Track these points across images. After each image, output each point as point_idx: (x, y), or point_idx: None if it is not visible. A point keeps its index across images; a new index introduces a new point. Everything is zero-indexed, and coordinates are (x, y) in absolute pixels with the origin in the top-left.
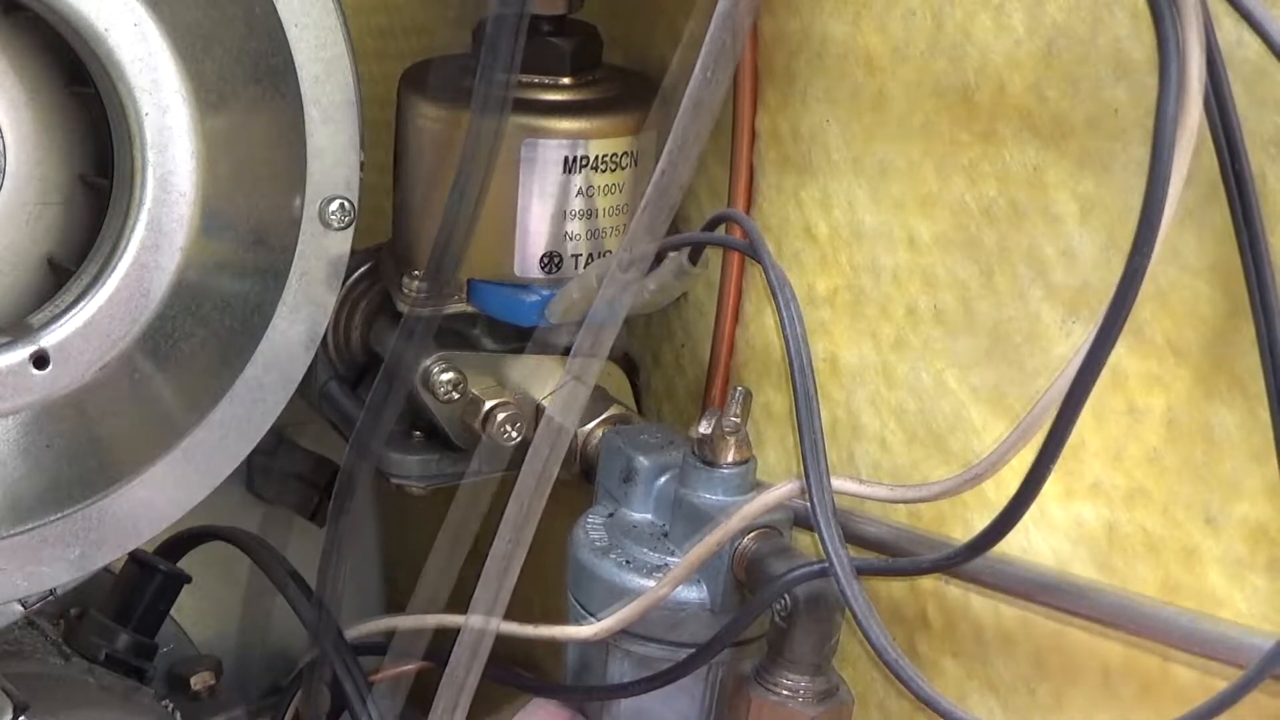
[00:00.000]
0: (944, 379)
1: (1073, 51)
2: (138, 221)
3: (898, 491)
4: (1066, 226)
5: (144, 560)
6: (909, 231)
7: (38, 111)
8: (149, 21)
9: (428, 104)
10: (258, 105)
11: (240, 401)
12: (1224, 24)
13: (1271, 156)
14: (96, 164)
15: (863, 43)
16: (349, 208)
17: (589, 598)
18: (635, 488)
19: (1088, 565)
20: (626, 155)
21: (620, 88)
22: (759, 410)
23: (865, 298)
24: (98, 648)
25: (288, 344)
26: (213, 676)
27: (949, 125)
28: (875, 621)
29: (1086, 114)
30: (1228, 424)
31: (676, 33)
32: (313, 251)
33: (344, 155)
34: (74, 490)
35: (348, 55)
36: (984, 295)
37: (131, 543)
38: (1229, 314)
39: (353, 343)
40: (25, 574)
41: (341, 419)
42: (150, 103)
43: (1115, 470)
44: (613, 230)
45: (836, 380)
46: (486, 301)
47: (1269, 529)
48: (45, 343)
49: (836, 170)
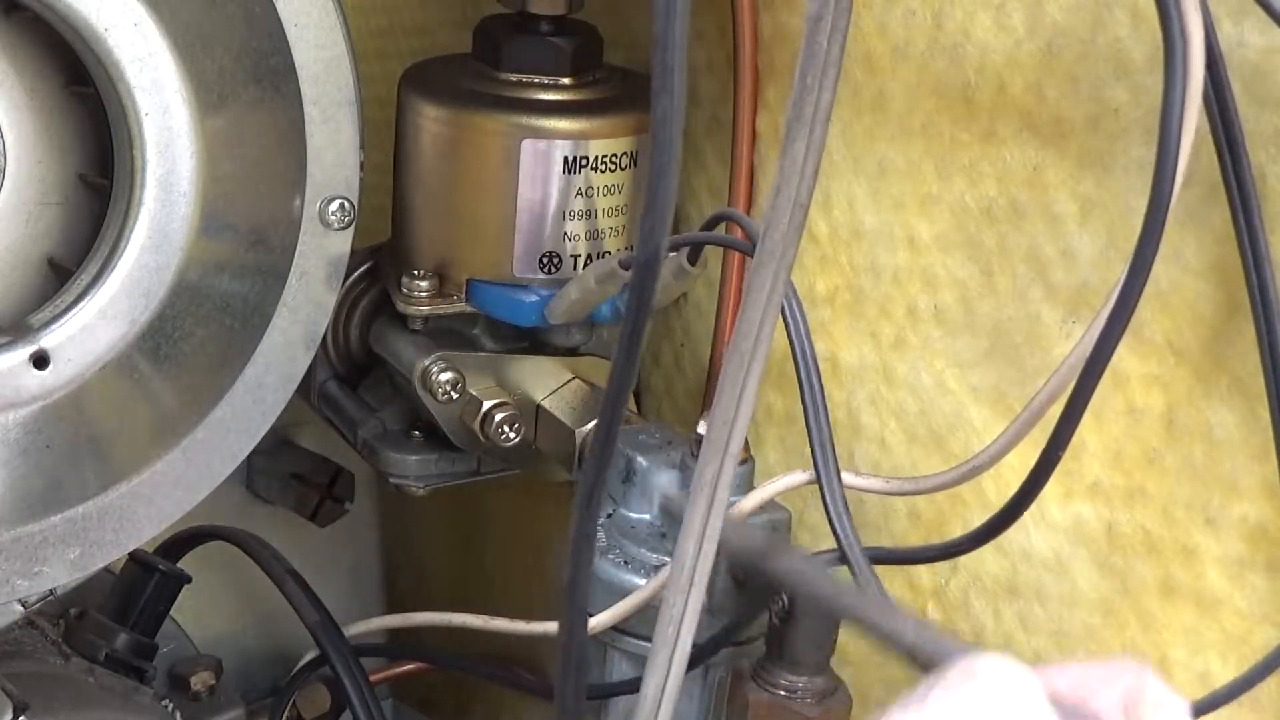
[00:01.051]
0: (944, 379)
1: (1073, 51)
2: (138, 221)
3: (893, 484)
4: (1066, 226)
5: (144, 560)
6: (909, 231)
7: (38, 111)
8: (149, 21)
9: (428, 104)
10: (258, 105)
11: (240, 401)
12: (1224, 24)
13: (1271, 156)
14: (96, 164)
15: (862, 42)
16: (349, 208)
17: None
18: (634, 488)
19: (1088, 565)
20: (626, 155)
21: (620, 88)
22: (759, 411)
23: (865, 297)
24: (98, 648)
25: (288, 344)
26: (213, 676)
27: (949, 125)
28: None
29: (1086, 114)
30: (1228, 424)
31: None
32: (313, 251)
33: (344, 155)
34: (74, 490)
35: (348, 55)
36: (984, 295)
37: (131, 543)
38: (1229, 314)
39: (352, 343)
40: (25, 574)
41: (341, 419)
42: (150, 103)
43: (1115, 470)
44: (612, 230)
45: (836, 380)
46: (486, 301)
47: (1269, 529)
48: (45, 343)
49: (836, 170)
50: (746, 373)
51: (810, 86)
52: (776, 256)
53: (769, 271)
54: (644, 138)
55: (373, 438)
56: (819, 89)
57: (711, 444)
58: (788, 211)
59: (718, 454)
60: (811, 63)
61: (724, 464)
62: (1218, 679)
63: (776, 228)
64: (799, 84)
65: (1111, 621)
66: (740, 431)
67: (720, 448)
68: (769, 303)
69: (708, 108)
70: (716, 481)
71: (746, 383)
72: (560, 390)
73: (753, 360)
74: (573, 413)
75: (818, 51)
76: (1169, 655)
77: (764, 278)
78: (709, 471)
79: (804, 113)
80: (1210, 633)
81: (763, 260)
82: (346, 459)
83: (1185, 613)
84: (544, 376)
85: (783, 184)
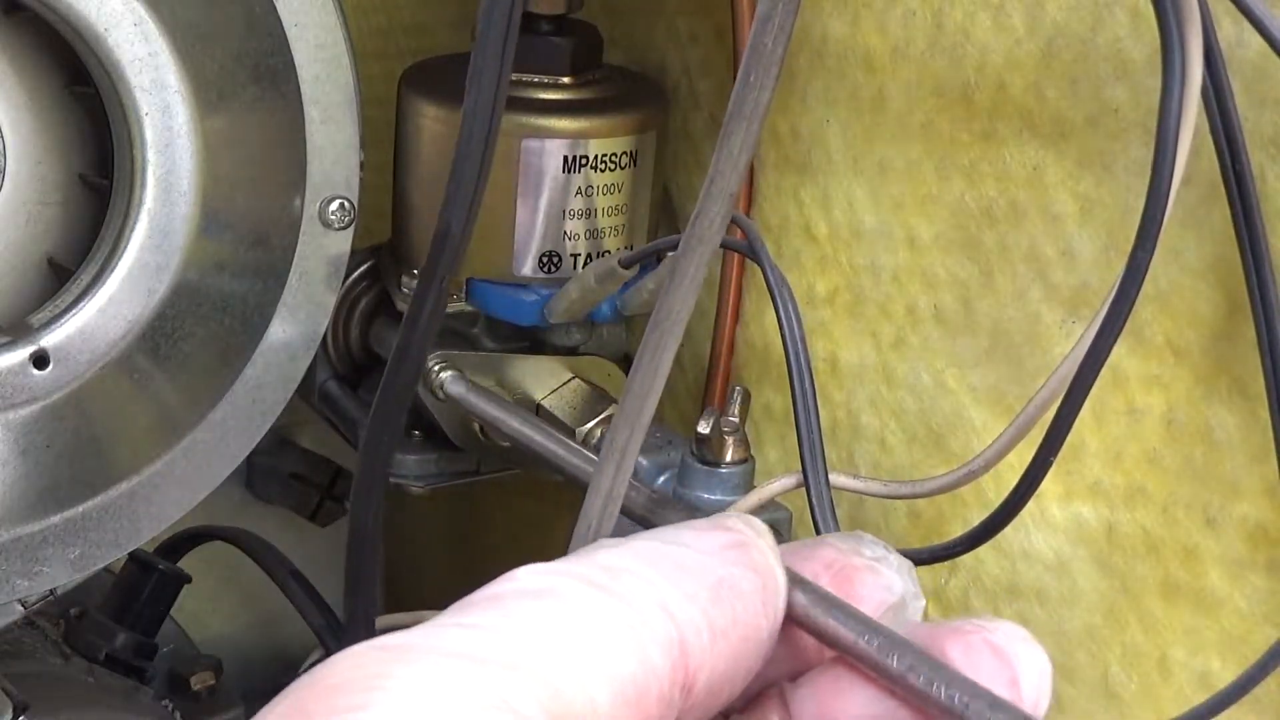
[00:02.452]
0: (944, 379)
1: (1073, 51)
2: (138, 221)
3: (891, 487)
4: (1066, 226)
5: (144, 560)
6: (909, 231)
7: (38, 111)
8: (149, 21)
9: (428, 104)
10: (258, 105)
11: (240, 401)
12: (1224, 24)
13: (1271, 156)
14: (96, 164)
15: (862, 42)
16: (349, 208)
17: None
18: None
19: (1088, 565)
20: (626, 155)
21: (620, 88)
22: (759, 410)
23: (865, 298)
24: (98, 648)
25: (288, 344)
26: (213, 676)
27: (949, 125)
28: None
29: (1086, 114)
30: (1228, 424)
31: (677, 33)
32: (313, 251)
33: (344, 155)
34: (74, 490)
35: (348, 55)
36: (984, 295)
37: (131, 543)
38: (1229, 314)
39: (352, 343)
40: (25, 574)
41: (341, 419)
42: (150, 103)
43: (1115, 470)
44: (612, 230)
45: (836, 380)
46: (485, 301)
47: (1269, 529)
48: (45, 343)
49: (836, 170)
50: (662, 349)
51: (753, 84)
52: (704, 241)
53: (695, 255)
54: (644, 137)
55: None
56: (759, 87)
57: (625, 414)
58: (719, 200)
59: (629, 425)
60: (756, 61)
61: (633, 434)
62: (1218, 679)
63: (707, 214)
64: (741, 80)
65: (1111, 621)
66: (650, 407)
67: (631, 419)
68: (691, 284)
69: (706, 108)
70: (625, 449)
71: (661, 359)
72: (560, 390)
73: (669, 338)
74: (573, 412)
75: (763, 50)
76: (1169, 655)
77: (689, 262)
78: (620, 438)
79: (743, 109)
80: (1210, 633)
81: (690, 244)
82: (346, 459)
83: (1185, 613)
84: (544, 376)
85: (716, 175)
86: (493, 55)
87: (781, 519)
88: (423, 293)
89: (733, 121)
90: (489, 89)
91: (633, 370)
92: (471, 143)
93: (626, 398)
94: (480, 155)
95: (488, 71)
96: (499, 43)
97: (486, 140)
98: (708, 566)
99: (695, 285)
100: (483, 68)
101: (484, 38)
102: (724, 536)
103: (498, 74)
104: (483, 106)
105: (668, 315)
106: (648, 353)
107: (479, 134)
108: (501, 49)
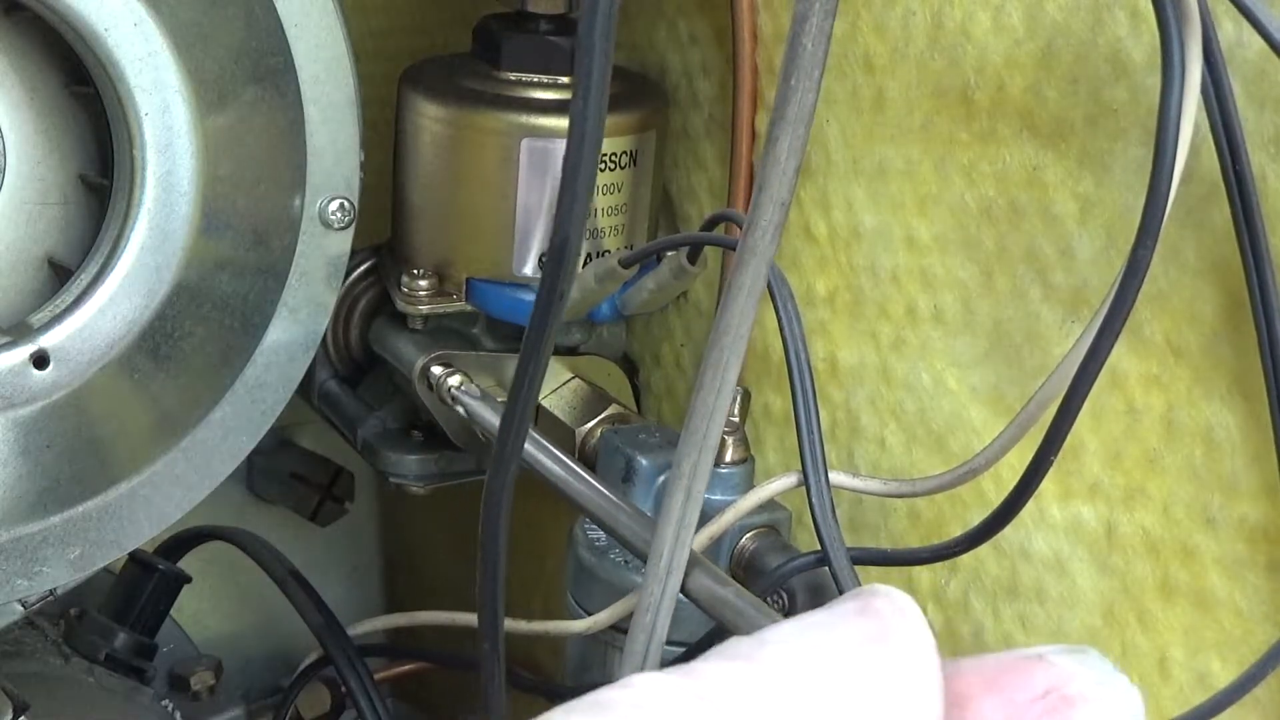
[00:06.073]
0: (944, 379)
1: (1073, 51)
2: (138, 221)
3: (891, 485)
4: (1066, 226)
5: (144, 560)
6: (908, 231)
7: (38, 111)
8: (149, 21)
9: (427, 103)
10: (258, 105)
11: (240, 401)
12: (1224, 24)
13: (1271, 156)
14: (96, 164)
15: (861, 42)
16: (349, 208)
17: (588, 597)
18: (634, 487)
19: (1088, 565)
20: (626, 155)
21: (620, 88)
22: (758, 410)
23: (864, 298)
24: (98, 648)
25: (288, 344)
26: (213, 676)
27: (948, 125)
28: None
29: (1086, 114)
30: (1228, 424)
31: (677, 33)
32: (313, 251)
33: (344, 155)
34: (74, 490)
35: (348, 55)
36: (983, 295)
37: (131, 543)
38: (1229, 314)
39: (352, 342)
40: (25, 574)
41: (341, 419)
42: (150, 102)
43: (1115, 470)
44: (611, 230)
45: (836, 381)
46: (485, 300)
47: (1269, 529)
48: (45, 343)
49: (835, 170)
50: (725, 367)
51: (795, 87)
52: (758, 253)
53: (750, 268)
54: (643, 137)
55: (373, 437)
56: (803, 90)
57: (690, 435)
58: (769, 209)
59: (695, 447)
60: (796, 63)
61: (701, 456)
62: (1218, 679)
63: (758, 225)
64: (783, 84)
65: (1111, 621)
66: (718, 427)
67: (698, 441)
68: (749, 298)
69: (706, 108)
70: (694, 473)
71: (725, 377)
72: (560, 389)
73: (732, 355)
74: (573, 412)
75: (802, 52)
76: (1169, 655)
77: (744, 275)
78: (686, 464)
79: (788, 113)
80: (1210, 633)
81: (744, 257)
82: (346, 459)
83: (1185, 613)
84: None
85: (765, 183)
86: (600, 54)
87: (781, 519)
88: (544, 309)
89: (777, 127)
90: (598, 92)
91: (695, 389)
92: (584, 149)
93: (691, 418)
94: (594, 163)
95: (597, 71)
96: (604, 40)
97: (598, 146)
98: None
99: (754, 298)
100: (590, 68)
101: (587, 38)
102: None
103: (605, 74)
104: (593, 110)
105: (727, 330)
106: (709, 371)
107: (591, 139)
108: (606, 47)
